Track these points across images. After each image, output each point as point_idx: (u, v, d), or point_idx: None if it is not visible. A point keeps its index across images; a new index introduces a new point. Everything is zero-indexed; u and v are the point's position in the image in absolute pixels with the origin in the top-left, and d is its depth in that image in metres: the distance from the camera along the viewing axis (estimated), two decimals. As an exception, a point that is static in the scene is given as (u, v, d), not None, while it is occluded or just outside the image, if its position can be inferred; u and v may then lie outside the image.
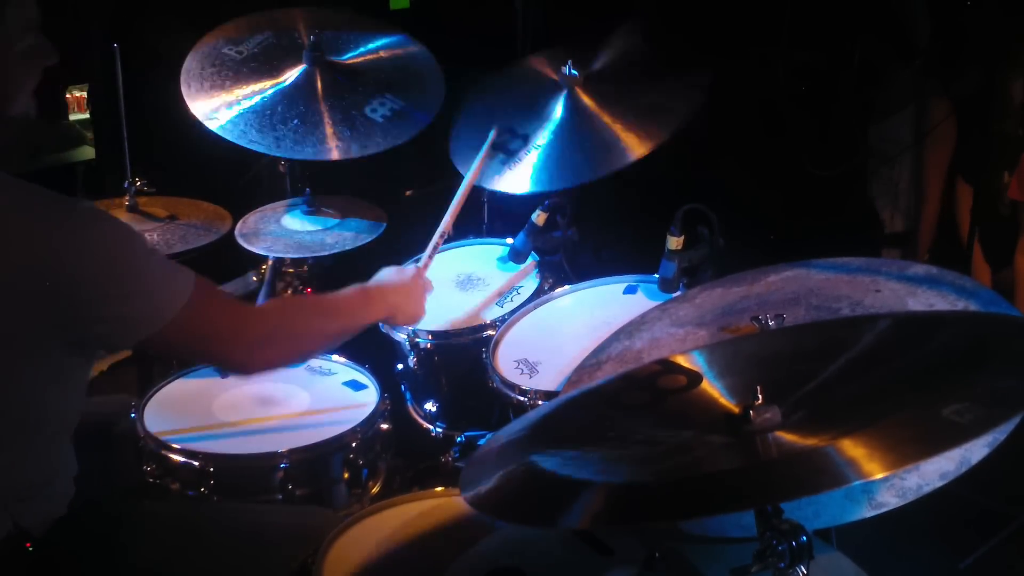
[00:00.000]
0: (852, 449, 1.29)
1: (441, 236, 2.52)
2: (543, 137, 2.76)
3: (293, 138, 2.79)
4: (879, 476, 1.35)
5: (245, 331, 1.96)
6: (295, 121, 2.81)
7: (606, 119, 2.74)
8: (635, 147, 2.65)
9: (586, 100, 2.79)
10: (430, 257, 2.49)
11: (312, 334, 2.10)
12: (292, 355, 2.15)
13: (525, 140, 2.77)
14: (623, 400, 1.61)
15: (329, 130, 2.82)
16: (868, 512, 1.70)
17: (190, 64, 2.89)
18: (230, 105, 2.84)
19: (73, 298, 1.69)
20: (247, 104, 2.84)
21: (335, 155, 2.79)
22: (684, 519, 1.73)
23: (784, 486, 1.34)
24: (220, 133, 2.78)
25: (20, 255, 1.67)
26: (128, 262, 1.75)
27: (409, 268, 2.38)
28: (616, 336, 2.13)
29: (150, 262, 1.81)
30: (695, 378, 1.55)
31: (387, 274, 2.32)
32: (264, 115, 2.82)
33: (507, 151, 2.78)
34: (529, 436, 1.59)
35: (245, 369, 2.10)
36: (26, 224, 1.69)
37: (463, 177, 2.68)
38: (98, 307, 1.72)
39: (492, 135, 2.79)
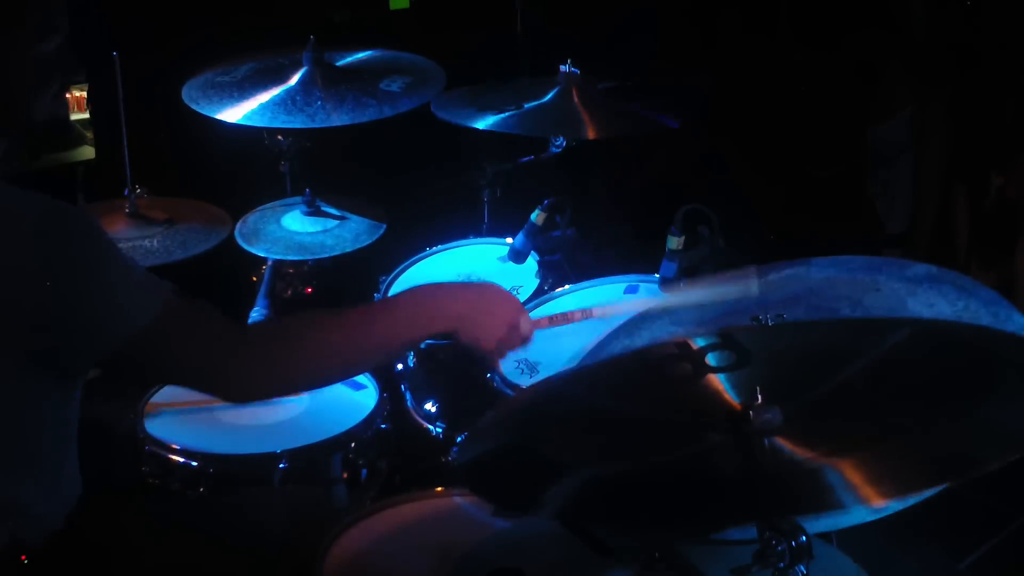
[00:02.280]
0: (853, 472, 1.26)
1: (583, 314, 2.03)
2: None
3: (324, 111, 2.78)
4: (879, 502, 1.28)
5: (233, 355, 1.71)
6: (319, 103, 2.81)
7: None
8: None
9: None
10: (547, 320, 2.04)
11: (321, 358, 1.77)
12: (294, 382, 1.84)
13: None
14: (664, 370, 1.51)
15: (356, 101, 2.81)
16: (868, 516, 1.70)
17: (190, 92, 2.88)
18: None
19: (35, 305, 1.57)
20: (265, 99, 2.83)
21: (373, 115, 2.78)
22: (670, 523, 1.64)
23: (780, 502, 1.32)
24: (247, 122, 2.77)
25: None
26: (93, 270, 1.61)
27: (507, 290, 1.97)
28: (616, 335, 2.13)
29: (118, 272, 1.65)
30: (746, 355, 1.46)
31: (467, 283, 2.01)
32: (286, 103, 2.81)
33: None
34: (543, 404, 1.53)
35: (233, 397, 1.82)
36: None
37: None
38: (57, 314, 1.58)
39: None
